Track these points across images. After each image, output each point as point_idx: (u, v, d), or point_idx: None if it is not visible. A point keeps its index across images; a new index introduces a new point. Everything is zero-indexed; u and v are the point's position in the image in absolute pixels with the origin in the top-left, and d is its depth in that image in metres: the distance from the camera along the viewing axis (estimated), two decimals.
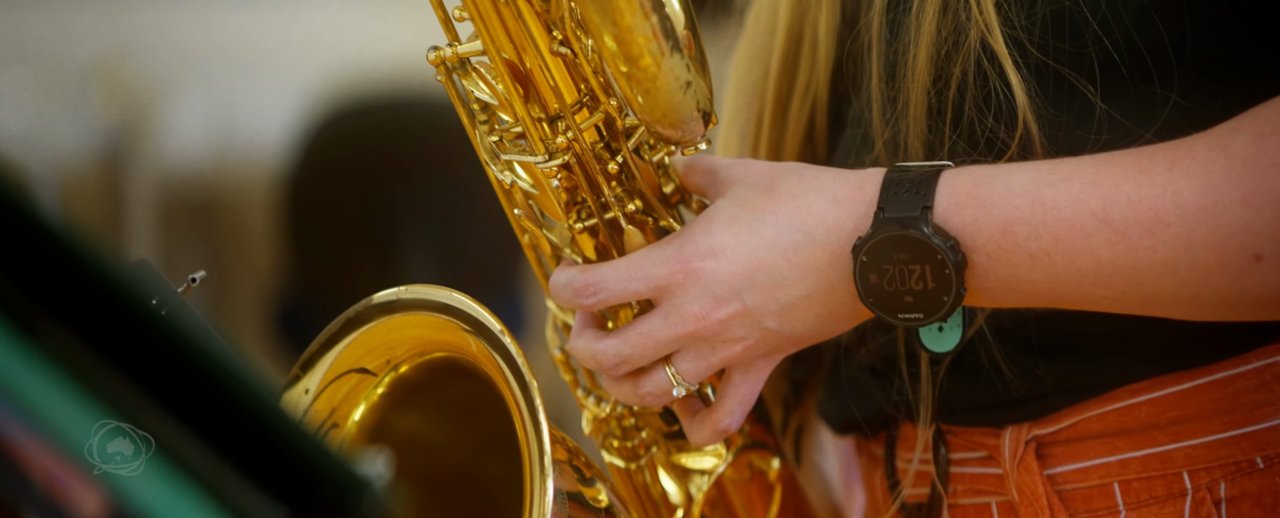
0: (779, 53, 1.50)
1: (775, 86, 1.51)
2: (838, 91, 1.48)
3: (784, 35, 1.50)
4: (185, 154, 4.88)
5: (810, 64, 1.48)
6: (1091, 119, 1.31)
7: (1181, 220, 1.21)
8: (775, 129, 1.52)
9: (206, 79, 4.92)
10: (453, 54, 1.29)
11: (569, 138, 1.29)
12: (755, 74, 1.53)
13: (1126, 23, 1.30)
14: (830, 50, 1.47)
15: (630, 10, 1.16)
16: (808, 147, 1.51)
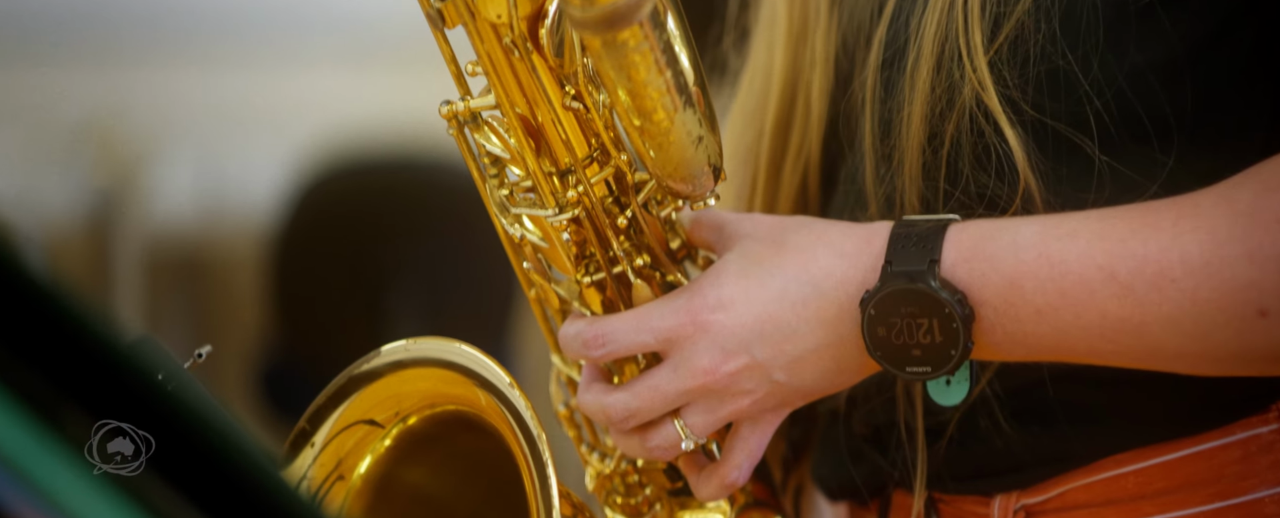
0: (773, 115, 1.51)
1: (770, 148, 1.52)
2: (831, 152, 1.49)
3: (778, 98, 1.51)
4: (174, 214, 4.88)
5: (804, 125, 1.49)
6: (1091, 175, 1.32)
7: (1188, 276, 1.22)
8: (769, 190, 1.53)
9: (195, 140, 4.92)
10: (465, 108, 1.30)
11: (580, 192, 1.30)
12: (750, 136, 1.54)
13: (1120, 83, 1.31)
14: (823, 111, 1.48)
15: (645, 66, 1.16)
16: (801, 206, 1.51)
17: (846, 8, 1.46)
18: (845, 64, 1.46)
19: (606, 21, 1.11)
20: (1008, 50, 1.32)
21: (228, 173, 4.90)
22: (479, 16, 1.21)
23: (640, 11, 1.11)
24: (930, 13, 1.34)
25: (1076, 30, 1.31)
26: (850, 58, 1.45)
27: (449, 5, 1.22)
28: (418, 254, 4.43)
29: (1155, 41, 1.31)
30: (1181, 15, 1.31)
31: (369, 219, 4.53)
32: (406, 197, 4.55)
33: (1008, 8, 1.32)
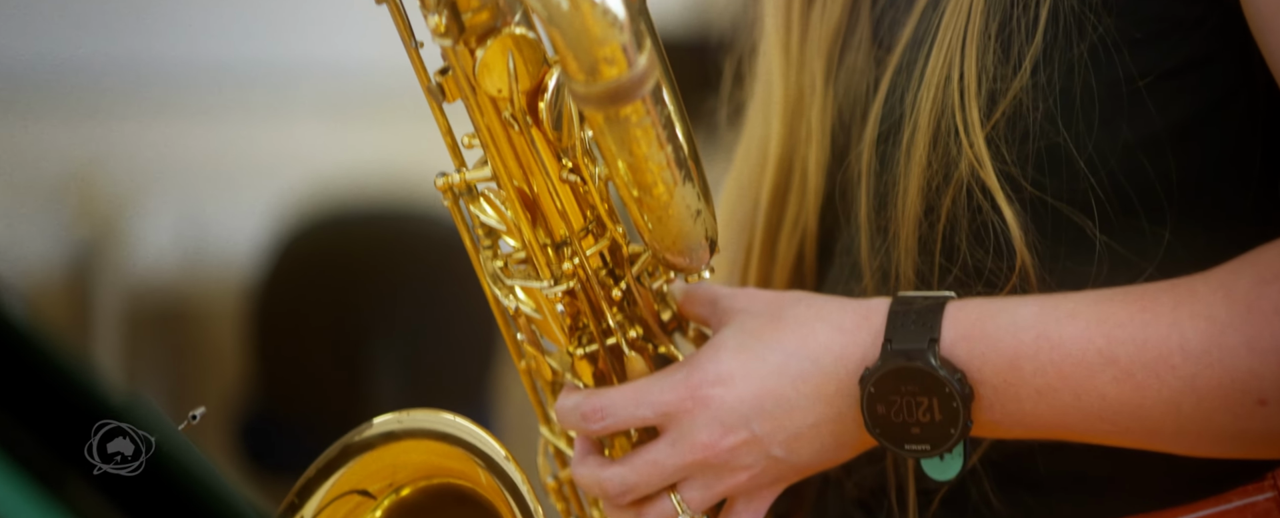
0: (769, 186, 1.51)
1: (765, 219, 1.52)
2: (827, 224, 1.49)
3: (774, 169, 1.51)
4: (155, 265, 4.87)
5: (800, 197, 1.49)
6: (1089, 252, 1.32)
7: (1187, 363, 1.22)
8: (764, 260, 1.53)
9: (177, 191, 4.91)
10: (460, 180, 1.30)
11: (575, 264, 1.29)
12: (744, 207, 1.54)
13: (1114, 160, 1.31)
14: (820, 184, 1.48)
15: (646, 140, 1.16)
16: (796, 278, 1.51)
17: (842, 83, 1.47)
18: (841, 137, 1.46)
19: (610, 97, 1.11)
20: (1005, 126, 1.32)
21: (209, 224, 4.89)
22: (479, 90, 1.21)
23: (643, 88, 1.12)
24: (926, 88, 1.35)
25: (1072, 107, 1.31)
26: (846, 131, 1.45)
27: (449, 79, 1.22)
28: (399, 307, 4.43)
29: (1144, 120, 1.31)
30: (1169, 94, 1.31)
31: (350, 272, 4.53)
32: (388, 249, 4.55)
33: (1004, 84, 1.32)
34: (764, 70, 1.55)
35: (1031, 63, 1.31)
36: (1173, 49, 1.31)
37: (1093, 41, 1.30)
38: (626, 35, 1.09)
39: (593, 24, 1.08)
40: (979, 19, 1.33)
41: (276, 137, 4.92)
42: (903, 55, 1.39)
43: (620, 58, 1.09)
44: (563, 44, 1.09)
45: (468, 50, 1.18)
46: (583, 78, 1.10)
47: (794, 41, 1.51)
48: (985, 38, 1.33)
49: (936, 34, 1.35)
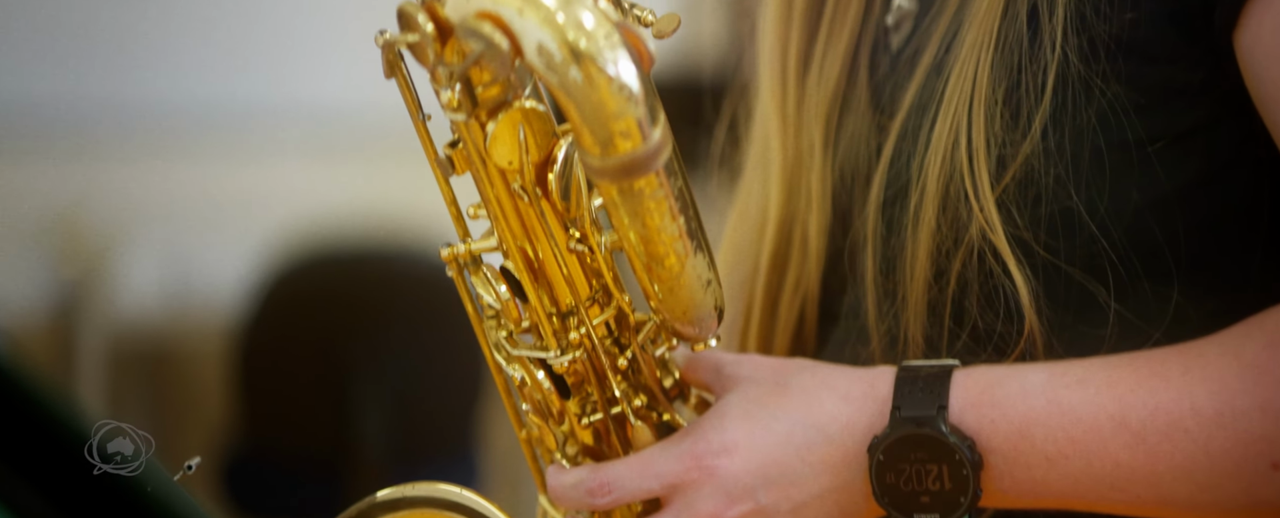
0: (769, 249, 1.51)
1: (765, 282, 1.52)
2: (829, 287, 1.49)
3: (774, 232, 1.51)
4: (139, 306, 4.86)
5: (801, 260, 1.49)
6: (1099, 316, 1.32)
7: (1200, 427, 1.22)
8: (765, 324, 1.52)
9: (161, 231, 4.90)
10: (465, 251, 1.29)
11: (582, 333, 1.29)
12: (744, 270, 1.54)
13: (1124, 224, 1.31)
14: (822, 248, 1.48)
15: (660, 212, 1.16)
16: (798, 341, 1.51)
17: (841, 147, 1.47)
18: (843, 201, 1.46)
19: (625, 170, 1.11)
20: (1016, 190, 1.32)
21: (193, 265, 4.89)
22: (489, 163, 1.21)
23: (658, 160, 1.12)
24: (933, 153, 1.35)
25: (1083, 171, 1.31)
26: (848, 195, 1.45)
27: (459, 152, 1.22)
28: (384, 347, 4.42)
29: (1154, 183, 1.31)
30: (1177, 157, 1.31)
31: (335, 312, 4.52)
32: (373, 289, 4.54)
33: (1013, 149, 1.32)
34: (760, 134, 1.55)
35: (1041, 126, 1.31)
36: (1179, 114, 1.31)
37: (1101, 106, 1.30)
38: (641, 109, 1.09)
39: (608, 98, 1.08)
40: (985, 84, 1.33)
41: (261, 176, 4.91)
42: (906, 121, 1.39)
43: (635, 131, 1.09)
44: (578, 118, 1.09)
45: (478, 124, 1.18)
46: (598, 151, 1.10)
47: (790, 105, 1.51)
48: (992, 102, 1.33)
49: (942, 99, 1.35)
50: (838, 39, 1.50)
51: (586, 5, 1.08)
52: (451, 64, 1.13)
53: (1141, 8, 1.29)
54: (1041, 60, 1.31)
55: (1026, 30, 1.32)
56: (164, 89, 4.95)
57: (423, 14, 1.12)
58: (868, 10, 1.50)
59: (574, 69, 1.07)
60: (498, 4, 1.08)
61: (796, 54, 1.52)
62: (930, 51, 1.39)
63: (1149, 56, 1.30)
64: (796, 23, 1.52)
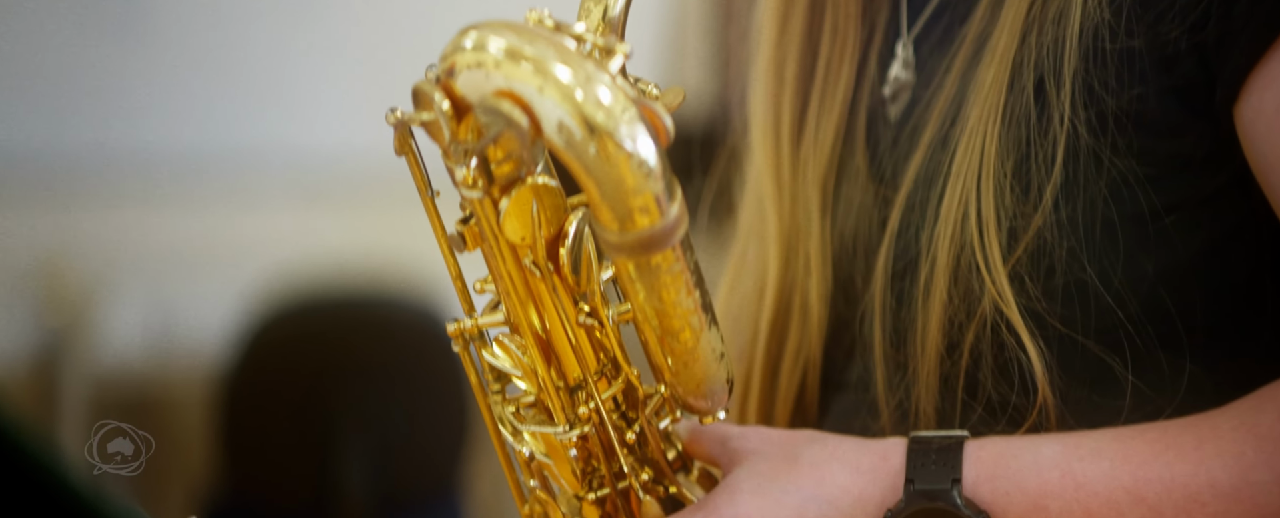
0: (768, 316, 1.51)
1: (765, 349, 1.51)
2: (832, 355, 1.48)
3: (773, 299, 1.50)
4: (122, 354, 4.83)
5: (801, 328, 1.49)
6: (1113, 387, 1.32)
7: (1217, 500, 1.22)
8: (766, 391, 1.52)
9: (145, 279, 4.88)
10: (473, 326, 1.28)
11: (590, 408, 1.28)
12: (742, 337, 1.53)
13: (1139, 295, 1.31)
14: (823, 315, 1.47)
15: (676, 287, 1.16)
16: (800, 409, 1.50)
17: (840, 214, 1.47)
18: (845, 269, 1.46)
19: (643, 246, 1.11)
20: (1029, 262, 1.32)
21: (177, 312, 4.86)
22: (501, 239, 1.20)
23: (675, 235, 1.12)
24: (943, 225, 1.34)
25: (1095, 242, 1.31)
26: (850, 265, 1.45)
27: (470, 228, 1.21)
28: (370, 395, 4.40)
29: (1166, 253, 1.32)
30: (1188, 227, 1.32)
31: (319, 360, 4.50)
32: (358, 337, 4.53)
33: (1024, 221, 1.32)
34: (754, 200, 1.55)
35: (1052, 199, 1.31)
36: (1189, 185, 1.31)
37: (1112, 177, 1.31)
38: (660, 185, 1.09)
39: (628, 175, 1.08)
40: (993, 157, 1.33)
41: (245, 223, 4.90)
42: (912, 193, 1.39)
43: (654, 207, 1.09)
44: (597, 195, 1.09)
45: (492, 201, 1.17)
46: (616, 227, 1.10)
47: (785, 172, 1.51)
48: (1001, 175, 1.33)
49: (949, 172, 1.35)
50: (830, 106, 1.50)
51: (604, 82, 1.07)
52: (467, 142, 1.12)
53: (1148, 83, 1.29)
54: (1051, 134, 1.32)
55: (1034, 104, 1.33)
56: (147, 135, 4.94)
57: (439, 92, 1.11)
58: (860, 78, 1.50)
59: (593, 146, 1.07)
60: (516, 82, 1.08)
61: (790, 121, 1.52)
62: (933, 124, 1.39)
63: (1157, 130, 1.30)
64: (788, 90, 1.53)
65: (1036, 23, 1.33)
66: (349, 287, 4.64)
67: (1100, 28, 1.30)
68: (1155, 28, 1.28)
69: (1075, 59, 1.31)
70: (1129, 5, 1.29)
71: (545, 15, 1.16)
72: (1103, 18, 1.30)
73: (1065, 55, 1.31)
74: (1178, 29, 1.27)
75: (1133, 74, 1.30)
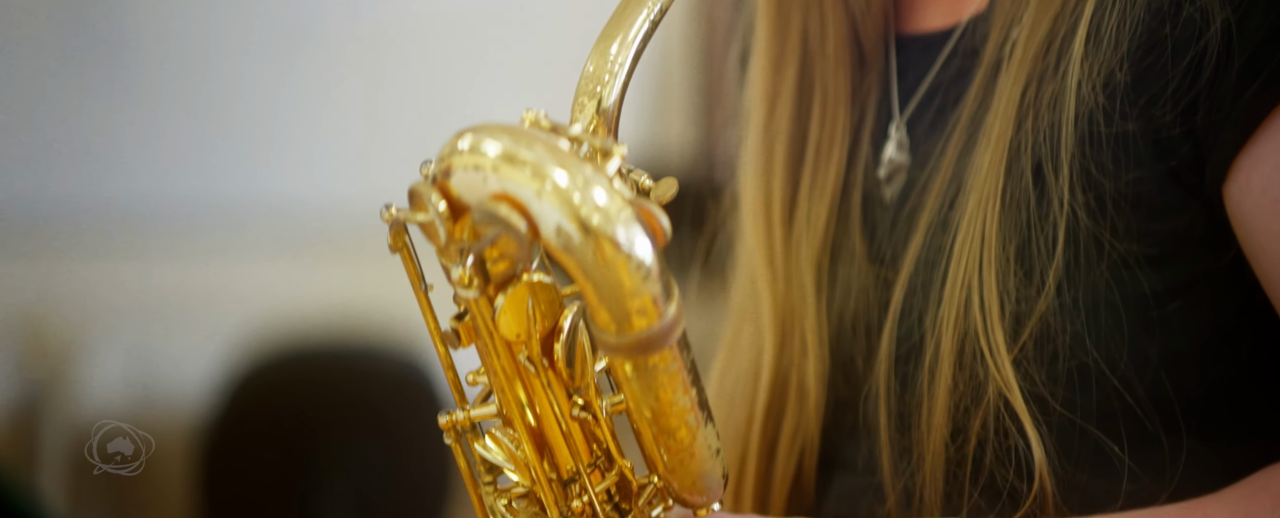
0: (764, 397, 1.51)
1: (761, 430, 1.51)
2: (831, 436, 1.48)
3: (769, 380, 1.50)
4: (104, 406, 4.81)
5: (799, 409, 1.49)
6: (1112, 471, 1.32)
7: None
8: (762, 472, 1.51)
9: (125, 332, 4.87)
10: (465, 418, 1.28)
11: (584, 501, 1.27)
12: (738, 419, 1.53)
13: (1143, 378, 1.31)
14: (821, 396, 1.47)
15: (672, 386, 1.16)
16: (796, 491, 1.50)
17: (837, 295, 1.47)
18: (844, 351, 1.46)
19: (640, 347, 1.11)
20: (1034, 348, 1.32)
21: (158, 364, 4.84)
22: (496, 335, 1.19)
23: (672, 336, 1.11)
24: (946, 310, 1.34)
25: (1099, 326, 1.31)
26: (849, 346, 1.45)
27: (465, 324, 1.20)
28: (351, 448, 4.40)
29: (1167, 336, 1.32)
30: (1188, 310, 1.32)
31: (302, 412, 4.50)
32: (340, 389, 4.52)
33: (1028, 306, 1.32)
34: (748, 281, 1.55)
35: (1055, 283, 1.31)
36: (1189, 266, 1.32)
37: (1113, 260, 1.31)
38: (657, 287, 1.08)
39: (625, 278, 1.07)
40: (994, 241, 1.33)
41: (227, 274, 4.88)
42: (913, 276, 1.39)
43: (652, 309, 1.09)
44: (595, 297, 1.08)
45: (487, 299, 1.17)
46: (614, 328, 1.09)
47: (778, 253, 1.51)
48: (1003, 260, 1.33)
49: (951, 255, 1.35)
50: (822, 187, 1.50)
51: (601, 183, 1.07)
52: (463, 242, 1.12)
53: (1144, 165, 1.30)
54: (1051, 218, 1.32)
55: (1033, 188, 1.33)
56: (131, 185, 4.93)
57: (435, 193, 1.11)
58: (853, 160, 1.50)
59: (591, 250, 1.06)
60: (514, 186, 1.07)
61: (781, 202, 1.52)
62: (931, 207, 1.39)
63: (1156, 212, 1.31)
64: (778, 171, 1.53)
65: (1032, 108, 1.34)
66: (331, 338, 4.63)
67: (1095, 112, 1.31)
68: (1149, 112, 1.29)
69: (1072, 144, 1.31)
70: (1123, 90, 1.30)
71: (541, 115, 1.16)
72: (1097, 103, 1.31)
73: (1062, 140, 1.32)
74: (1170, 113, 1.28)
75: (1129, 157, 1.30)
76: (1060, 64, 1.32)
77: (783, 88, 1.53)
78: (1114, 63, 1.30)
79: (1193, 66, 1.26)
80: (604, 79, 1.23)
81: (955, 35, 1.44)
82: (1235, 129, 1.26)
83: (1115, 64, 1.30)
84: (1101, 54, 1.30)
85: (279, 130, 4.97)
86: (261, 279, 4.83)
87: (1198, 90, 1.27)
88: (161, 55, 4.93)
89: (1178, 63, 1.27)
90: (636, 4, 1.25)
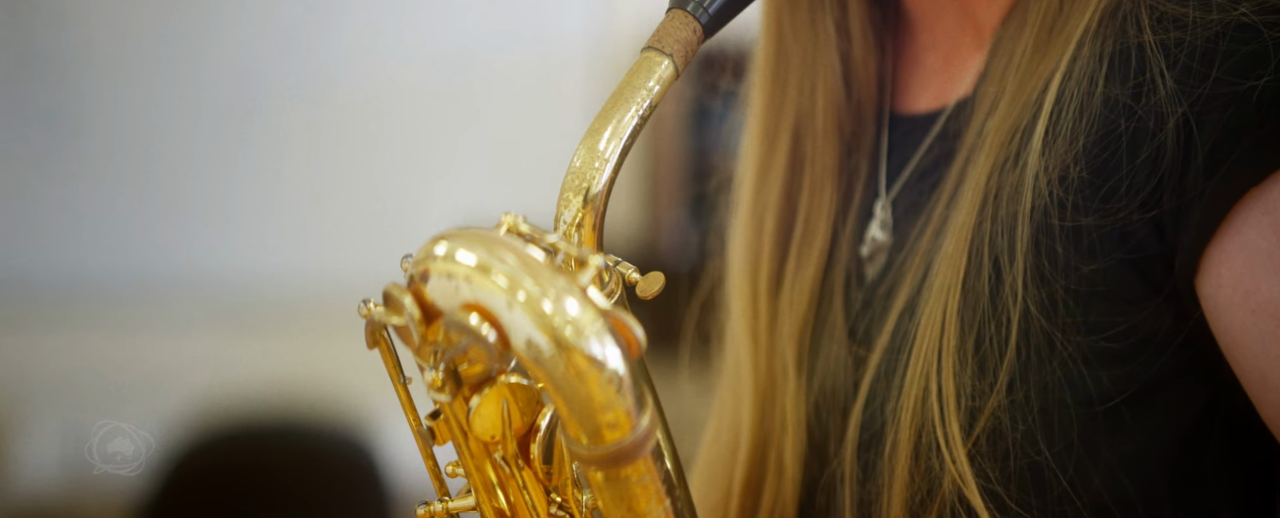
0: (743, 474, 1.50)
1: (739, 505, 1.51)
2: (807, 514, 1.47)
3: (747, 455, 1.50)
4: (39, 484, 4.77)
5: (776, 486, 1.48)
6: None
7: None
8: None
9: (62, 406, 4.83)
10: (443, 510, 1.27)
11: None
12: (716, 494, 1.53)
13: (1097, 480, 1.30)
14: (797, 474, 1.47)
15: (647, 497, 1.15)
16: None
17: (818, 372, 1.46)
18: (819, 431, 1.45)
19: (612, 459, 1.10)
20: (987, 444, 1.31)
21: (95, 441, 4.80)
22: (470, 435, 1.19)
23: (645, 448, 1.10)
24: (906, 399, 1.34)
25: (1051, 427, 1.30)
26: (824, 426, 1.45)
27: (441, 423, 1.20)
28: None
29: (1125, 439, 1.31)
30: (1146, 413, 1.31)
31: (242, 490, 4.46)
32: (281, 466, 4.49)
33: (981, 401, 1.31)
34: (732, 354, 1.55)
35: (1006, 380, 1.30)
36: (1146, 365, 1.30)
37: (1064, 358, 1.30)
38: (629, 400, 1.07)
39: (596, 391, 1.06)
40: (953, 334, 1.32)
41: (166, 349, 4.85)
42: (882, 361, 1.39)
43: (624, 421, 1.07)
44: (566, 410, 1.07)
45: (463, 399, 1.17)
46: (585, 441, 1.09)
47: (762, 326, 1.51)
48: (961, 352, 1.32)
49: (913, 344, 1.35)
50: (808, 261, 1.50)
51: (574, 294, 1.06)
52: (437, 345, 1.12)
53: (1104, 257, 1.29)
54: (1003, 313, 1.31)
55: (990, 280, 1.32)
56: (65, 260, 4.90)
57: (409, 297, 1.11)
58: (838, 236, 1.51)
59: (562, 363, 1.05)
60: (484, 296, 1.07)
61: (768, 274, 1.52)
62: (904, 291, 1.39)
63: (1116, 304, 1.29)
64: (767, 245, 1.53)
65: (994, 198, 1.33)
66: (272, 414, 4.60)
67: (1051, 206, 1.30)
68: (1104, 206, 1.28)
69: (1027, 237, 1.30)
70: (1077, 185, 1.29)
71: (519, 221, 1.16)
72: (1053, 196, 1.30)
73: (1017, 232, 1.31)
74: (1126, 208, 1.27)
75: (1086, 251, 1.29)
76: (1021, 155, 1.32)
77: (774, 160, 1.53)
78: (1069, 157, 1.29)
79: (1149, 162, 1.25)
80: (590, 173, 1.23)
81: (941, 118, 1.44)
82: (1201, 225, 1.25)
83: (1071, 159, 1.29)
84: (1058, 147, 1.29)
85: (223, 205, 4.96)
86: (202, 354, 4.80)
87: (1159, 186, 1.26)
88: (105, 129, 4.91)
89: (1134, 158, 1.26)
90: (626, 100, 1.25)
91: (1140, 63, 1.27)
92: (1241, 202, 1.23)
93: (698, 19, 1.26)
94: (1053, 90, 1.31)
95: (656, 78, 1.25)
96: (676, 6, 1.27)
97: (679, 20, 1.26)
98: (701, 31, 1.27)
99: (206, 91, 4.93)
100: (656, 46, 1.26)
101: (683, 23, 1.26)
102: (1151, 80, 1.26)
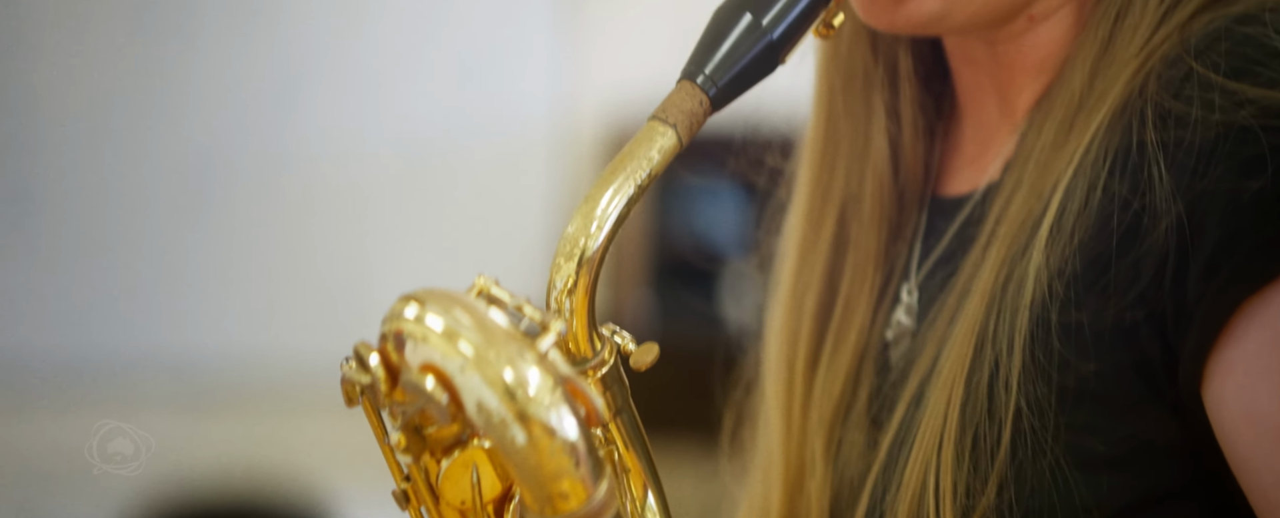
0: None
1: None
2: None
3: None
4: None
5: None
6: None
7: None
8: None
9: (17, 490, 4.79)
10: None
11: None
12: None
13: None
14: None
15: None
16: None
17: (842, 456, 1.45)
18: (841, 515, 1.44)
19: None
20: None
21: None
22: (443, 501, 1.17)
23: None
24: (904, 491, 1.32)
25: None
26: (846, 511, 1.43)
27: (412, 487, 1.18)
28: None
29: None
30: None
31: None
32: None
33: (974, 501, 1.28)
34: (765, 437, 1.54)
35: (996, 482, 1.28)
36: (1142, 477, 1.27)
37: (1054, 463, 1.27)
38: (583, 469, 1.05)
39: (547, 460, 1.04)
40: (954, 430, 1.29)
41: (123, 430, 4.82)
42: (888, 450, 1.37)
43: (577, 491, 1.05)
44: (518, 477, 1.05)
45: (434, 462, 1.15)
46: (537, 508, 1.06)
47: (796, 409, 1.49)
48: (960, 449, 1.29)
49: (917, 435, 1.33)
50: (844, 346, 1.48)
51: (531, 361, 1.04)
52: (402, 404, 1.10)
53: (1104, 358, 1.26)
54: (999, 410, 1.28)
55: (991, 376, 1.29)
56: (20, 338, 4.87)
57: (375, 356, 1.09)
58: (874, 316, 1.49)
59: (513, 429, 1.03)
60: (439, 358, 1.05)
61: (805, 357, 1.50)
62: (915, 378, 1.37)
63: (1114, 408, 1.26)
64: (805, 326, 1.51)
65: (1001, 288, 1.30)
66: (232, 494, 4.57)
67: (1049, 301, 1.27)
68: (1098, 298, 1.25)
69: (1025, 331, 1.27)
70: (1071, 276, 1.27)
71: (492, 284, 1.15)
72: (1053, 291, 1.27)
73: (1017, 325, 1.28)
74: (1115, 307, 1.25)
75: (1081, 348, 1.26)
76: (1029, 247, 1.29)
77: (819, 241, 1.51)
78: (1068, 252, 1.26)
79: (1143, 258, 1.23)
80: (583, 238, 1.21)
81: (970, 203, 1.43)
82: (1202, 331, 1.21)
83: (1069, 253, 1.26)
84: (1061, 241, 1.27)
85: (181, 284, 4.94)
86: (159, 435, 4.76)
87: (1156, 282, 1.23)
88: (63, 208, 4.89)
89: (1124, 252, 1.23)
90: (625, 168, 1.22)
91: (1140, 159, 1.24)
92: (1240, 311, 1.20)
93: (706, 91, 1.24)
94: (1063, 184, 1.29)
95: (658, 148, 1.22)
96: (686, 78, 1.25)
97: (686, 92, 1.24)
98: (708, 104, 1.24)
99: (165, 172, 4.91)
100: (661, 117, 1.23)
101: (690, 94, 1.24)
102: (1150, 177, 1.23)
